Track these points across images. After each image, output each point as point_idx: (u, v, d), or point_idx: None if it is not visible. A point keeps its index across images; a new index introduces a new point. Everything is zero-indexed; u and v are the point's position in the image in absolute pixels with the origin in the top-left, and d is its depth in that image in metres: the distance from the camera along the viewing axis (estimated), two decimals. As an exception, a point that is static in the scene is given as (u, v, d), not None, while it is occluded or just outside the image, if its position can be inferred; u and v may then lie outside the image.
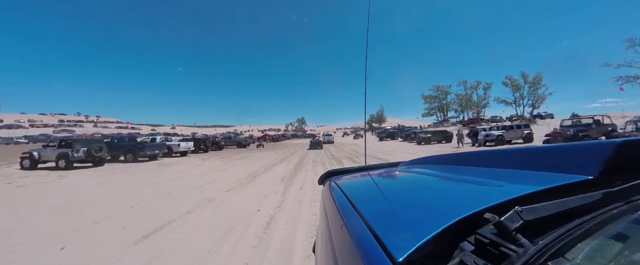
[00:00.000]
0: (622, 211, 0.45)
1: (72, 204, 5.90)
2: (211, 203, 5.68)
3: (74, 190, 7.50)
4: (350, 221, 0.62)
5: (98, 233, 4.03)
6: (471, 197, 0.67)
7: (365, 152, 2.90)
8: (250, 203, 5.61)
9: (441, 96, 61.65)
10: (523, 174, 0.75)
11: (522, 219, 0.39)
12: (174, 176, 9.82)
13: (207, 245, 3.46)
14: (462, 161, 1.14)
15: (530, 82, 45.66)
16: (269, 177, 9.21)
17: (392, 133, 42.25)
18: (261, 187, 7.40)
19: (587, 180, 0.56)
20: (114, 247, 3.48)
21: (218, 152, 23.17)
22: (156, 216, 4.77)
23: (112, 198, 6.42)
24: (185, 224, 4.35)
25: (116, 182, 8.79)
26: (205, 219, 4.60)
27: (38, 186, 8.20)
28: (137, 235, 3.85)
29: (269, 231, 3.92)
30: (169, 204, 5.73)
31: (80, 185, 8.29)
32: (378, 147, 26.36)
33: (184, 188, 7.41)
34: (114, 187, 7.78)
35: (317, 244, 1.07)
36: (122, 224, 4.37)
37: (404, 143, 31.87)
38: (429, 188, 0.92)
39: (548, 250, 0.35)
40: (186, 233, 3.93)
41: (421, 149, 21.78)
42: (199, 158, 17.68)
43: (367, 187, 1.09)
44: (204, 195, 6.38)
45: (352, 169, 1.47)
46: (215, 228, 4.10)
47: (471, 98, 56.47)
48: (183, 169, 11.87)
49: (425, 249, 0.41)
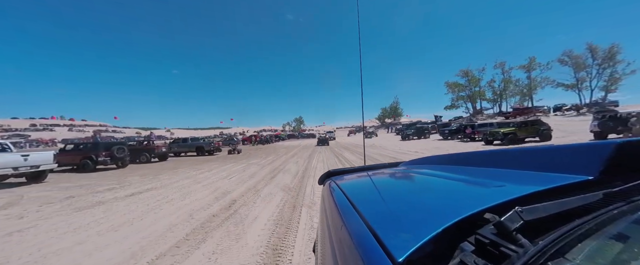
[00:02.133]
0: (623, 211, 0.45)
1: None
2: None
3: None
4: (350, 221, 0.62)
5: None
6: (471, 197, 0.67)
7: (364, 152, 2.89)
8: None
9: (472, 82, 48.23)
10: (523, 174, 0.75)
11: (522, 219, 0.40)
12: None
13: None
14: (462, 161, 1.14)
15: (601, 57, 33.22)
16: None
17: (421, 129, 30.81)
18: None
19: (588, 180, 0.56)
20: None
21: (140, 168, 13.22)
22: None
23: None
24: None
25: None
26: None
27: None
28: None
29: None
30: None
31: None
32: (413, 149, 17.67)
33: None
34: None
35: (317, 244, 1.07)
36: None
37: (450, 142, 21.98)
38: (429, 188, 0.92)
39: (548, 251, 0.35)
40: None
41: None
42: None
43: (367, 187, 1.08)
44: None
45: (352, 169, 1.47)
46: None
47: (510, 83, 43.88)
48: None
49: (425, 249, 0.41)
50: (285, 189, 6.34)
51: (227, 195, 6.00)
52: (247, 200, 5.45)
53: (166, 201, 5.63)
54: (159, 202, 5.61)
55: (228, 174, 9.70)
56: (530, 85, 42.08)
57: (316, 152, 19.07)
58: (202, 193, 6.33)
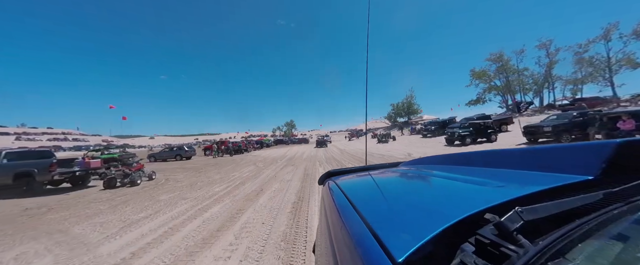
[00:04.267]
0: (623, 212, 0.45)
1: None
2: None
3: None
4: (350, 221, 0.62)
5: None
6: (471, 197, 0.67)
7: (365, 152, 2.88)
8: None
9: (506, 69, 36.34)
10: (523, 174, 0.75)
11: (522, 219, 0.40)
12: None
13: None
14: (462, 161, 1.14)
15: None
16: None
17: (485, 128, 17.63)
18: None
19: (588, 180, 0.56)
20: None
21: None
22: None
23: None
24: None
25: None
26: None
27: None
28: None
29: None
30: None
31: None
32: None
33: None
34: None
35: (317, 244, 1.07)
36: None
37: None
38: (429, 188, 0.92)
39: (548, 251, 0.35)
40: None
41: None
42: None
43: (367, 187, 1.08)
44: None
45: (352, 169, 1.47)
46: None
47: (588, 62, 30.58)
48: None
49: (425, 249, 0.41)
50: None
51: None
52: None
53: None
54: None
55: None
56: (609, 64, 29.05)
57: (314, 173, 9.83)
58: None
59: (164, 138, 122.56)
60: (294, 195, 6.25)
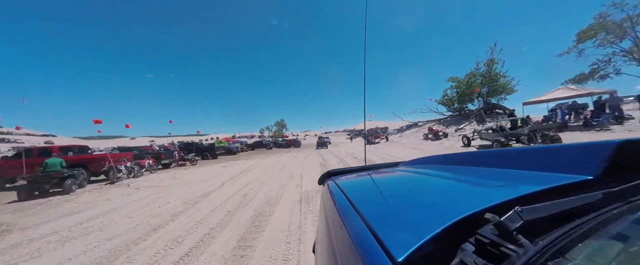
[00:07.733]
0: (622, 211, 0.45)
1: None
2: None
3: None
4: (350, 221, 0.62)
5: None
6: (471, 197, 0.67)
7: (365, 152, 2.90)
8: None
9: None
10: (523, 174, 0.75)
11: (522, 219, 0.39)
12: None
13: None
14: (462, 161, 1.14)
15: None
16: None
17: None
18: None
19: (587, 180, 0.56)
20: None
21: None
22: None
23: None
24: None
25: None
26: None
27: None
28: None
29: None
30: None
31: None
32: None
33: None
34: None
35: (317, 244, 1.07)
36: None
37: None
38: (429, 188, 0.92)
39: (548, 251, 0.35)
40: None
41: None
42: None
43: (367, 187, 1.08)
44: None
45: (352, 169, 1.47)
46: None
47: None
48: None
49: (425, 249, 0.41)
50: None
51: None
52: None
53: None
54: None
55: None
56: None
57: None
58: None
59: (144, 139, 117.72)
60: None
